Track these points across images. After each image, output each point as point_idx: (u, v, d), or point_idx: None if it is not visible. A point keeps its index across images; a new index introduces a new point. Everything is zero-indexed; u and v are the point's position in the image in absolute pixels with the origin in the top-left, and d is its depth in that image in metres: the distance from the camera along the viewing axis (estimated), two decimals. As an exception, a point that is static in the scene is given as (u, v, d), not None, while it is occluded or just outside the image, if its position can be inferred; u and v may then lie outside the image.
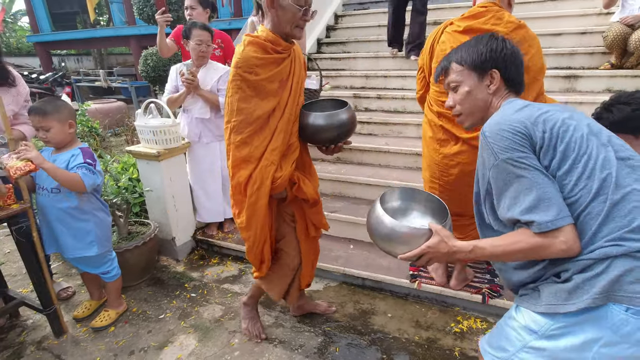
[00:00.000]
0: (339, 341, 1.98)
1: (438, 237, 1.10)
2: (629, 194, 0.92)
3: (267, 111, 1.53)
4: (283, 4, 1.44)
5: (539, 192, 0.95)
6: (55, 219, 1.93)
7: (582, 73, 3.32)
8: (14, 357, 1.95)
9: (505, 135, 0.99)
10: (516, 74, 1.16)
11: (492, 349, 1.14)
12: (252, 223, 1.62)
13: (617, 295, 0.89)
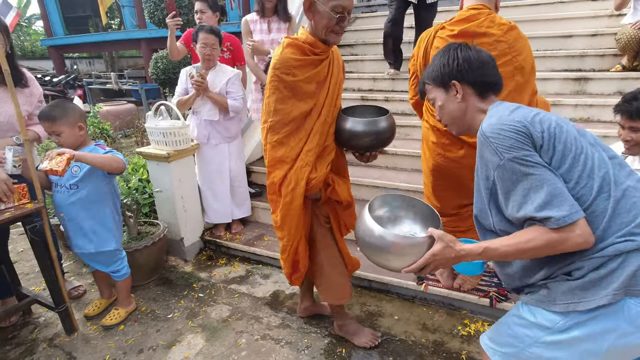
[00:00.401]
0: (345, 343, 1.98)
1: (442, 243, 1.09)
2: (627, 190, 0.95)
3: (304, 112, 1.56)
4: (319, 10, 1.45)
5: (550, 188, 0.94)
6: (74, 216, 1.98)
7: (592, 75, 3.29)
8: (27, 354, 1.99)
9: (508, 134, 1.00)
10: (480, 76, 1.17)
11: (497, 345, 1.14)
12: (286, 222, 1.64)
13: (634, 290, 0.91)
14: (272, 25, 2.83)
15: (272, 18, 2.82)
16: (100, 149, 1.97)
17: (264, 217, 3.13)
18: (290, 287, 2.48)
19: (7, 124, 2.00)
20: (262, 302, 2.34)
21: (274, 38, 2.81)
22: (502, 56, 1.67)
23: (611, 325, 0.93)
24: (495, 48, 1.66)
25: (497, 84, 1.20)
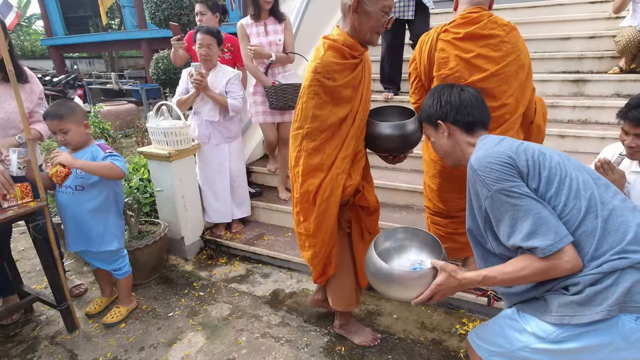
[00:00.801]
0: (344, 341, 2.00)
1: (445, 274, 1.14)
2: (613, 209, 1.00)
3: (341, 118, 1.52)
4: (368, 10, 1.41)
5: (535, 217, 1.00)
6: (78, 217, 2.00)
7: (590, 77, 3.32)
8: (28, 352, 2.00)
9: (494, 167, 1.05)
10: (461, 116, 1.27)
11: (486, 343, 1.18)
12: (320, 230, 1.61)
13: (629, 306, 0.94)
14: (269, 28, 2.83)
15: (268, 20, 2.83)
16: (100, 150, 1.97)
17: (264, 217, 3.15)
18: (290, 286, 2.50)
19: (7, 120, 2.02)
20: (262, 301, 2.35)
21: (272, 40, 2.82)
22: (507, 56, 1.70)
23: (605, 340, 0.97)
24: (500, 49, 1.70)
25: (478, 122, 1.26)
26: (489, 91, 1.71)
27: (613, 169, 1.70)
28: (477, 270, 1.14)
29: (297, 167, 1.58)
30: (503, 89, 1.73)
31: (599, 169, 1.72)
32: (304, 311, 2.24)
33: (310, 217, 1.60)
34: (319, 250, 1.66)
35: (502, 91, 1.73)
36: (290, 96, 2.69)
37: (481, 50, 1.70)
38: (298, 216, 1.66)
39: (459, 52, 1.72)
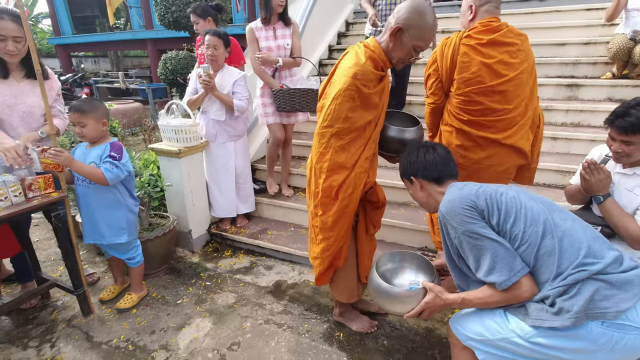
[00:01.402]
0: (343, 328, 2.13)
1: (433, 294, 1.36)
2: (566, 230, 1.17)
3: (367, 122, 1.63)
4: (404, 41, 1.54)
5: (493, 256, 1.19)
6: (92, 208, 2.14)
7: (584, 82, 3.44)
8: (47, 333, 2.14)
9: (458, 211, 1.23)
10: (427, 172, 1.46)
11: (466, 330, 1.33)
12: (337, 224, 1.70)
13: (593, 313, 1.09)
14: (277, 32, 2.95)
15: (277, 25, 2.94)
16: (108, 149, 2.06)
17: (268, 213, 3.28)
18: (292, 277, 2.62)
19: (30, 114, 2.16)
20: (265, 291, 2.48)
21: (280, 44, 2.94)
22: (522, 63, 1.86)
23: (576, 344, 1.13)
24: (517, 56, 1.86)
25: (444, 175, 1.45)
26: (506, 95, 1.87)
27: (599, 169, 1.82)
28: (459, 293, 1.33)
29: (321, 163, 1.66)
30: (517, 94, 1.88)
31: (586, 169, 1.84)
32: (305, 301, 2.37)
33: (329, 212, 1.69)
34: (332, 243, 1.74)
35: (516, 95, 1.88)
36: (298, 100, 2.82)
37: (502, 57, 1.84)
38: (316, 209, 1.73)
39: (482, 57, 1.85)
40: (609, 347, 1.09)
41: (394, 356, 1.93)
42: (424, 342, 2.03)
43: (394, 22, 1.55)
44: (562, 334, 1.12)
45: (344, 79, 1.55)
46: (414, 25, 1.52)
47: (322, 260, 1.80)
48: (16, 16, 1.96)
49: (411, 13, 1.52)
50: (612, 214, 1.79)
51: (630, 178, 1.80)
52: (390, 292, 1.48)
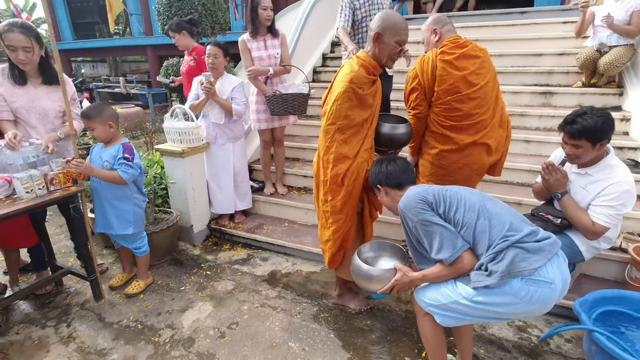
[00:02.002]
0: (331, 310, 2.36)
1: (401, 273, 1.64)
2: (494, 214, 1.47)
3: (364, 119, 1.92)
4: (385, 41, 1.83)
5: (440, 238, 1.47)
6: (104, 201, 2.37)
7: (556, 90, 3.72)
8: (63, 315, 2.36)
9: (413, 205, 1.52)
10: (389, 181, 1.74)
11: (426, 298, 1.59)
12: (345, 207, 1.96)
13: (514, 272, 1.38)
14: (268, 43, 3.18)
15: (267, 36, 3.19)
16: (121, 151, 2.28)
17: (264, 209, 3.52)
18: (286, 267, 2.86)
19: (45, 116, 2.39)
20: (261, 279, 2.71)
21: (271, 54, 3.18)
22: (487, 73, 2.16)
23: (503, 299, 1.41)
24: (482, 67, 2.15)
25: (403, 182, 1.73)
26: (478, 101, 2.14)
27: (557, 170, 2.09)
28: (420, 271, 1.61)
29: (327, 155, 1.93)
30: (486, 100, 2.17)
31: (545, 170, 2.11)
32: (297, 288, 2.61)
33: (337, 197, 1.94)
34: (342, 225, 1.99)
35: (486, 101, 2.16)
36: (291, 104, 3.07)
37: (472, 68, 2.13)
38: (326, 196, 1.97)
39: (457, 70, 2.12)
40: (527, 299, 1.36)
41: (376, 333, 2.17)
42: (403, 321, 2.26)
43: (372, 32, 1.84)
44: (494, 291, 1.39)
45: (342, 84, 1.84)
46: (387, 26, 1.82)
47: (333, 242, 2.03)
48: (25, 28, 2.20)
49: (382, 19, 1.84)
50: (569, 209, 2.06)
51: (583, 177, 2.06)
52: (369, 273, 1.73)
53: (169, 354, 2.03)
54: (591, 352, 1.86)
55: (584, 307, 1.92)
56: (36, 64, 2.34)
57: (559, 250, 1.44)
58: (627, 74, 3.49)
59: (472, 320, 1.56)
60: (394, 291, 1.65)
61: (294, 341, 2.11)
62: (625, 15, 3.26)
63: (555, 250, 1.41)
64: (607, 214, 1.91)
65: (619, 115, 3.29)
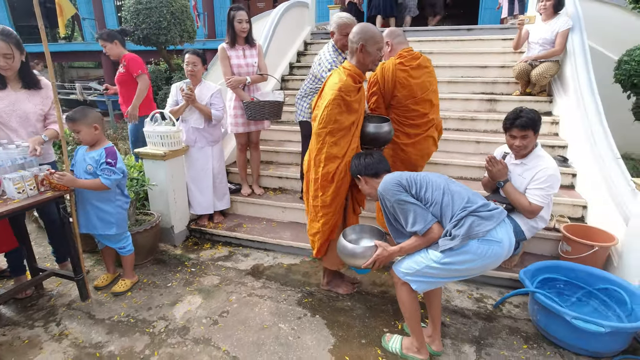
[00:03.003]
0: (314, 295, 2.58)
1: (381, 248, 1.90)
2: (455, 191, 1.80)
3: (351, 122, 2.15)
4: (369, 50, 2.10)
5: (413, 214, 1.77)
6: (86, 203, 2.43)
7: (500, 98, 4.26)
8: (50, 315, 2.38)
9: (389, 188, 1.82)
10: (367, 171, 2.02)
11: (403, 268, 1.88)
12: (334, 201, 2.20)
13: (472, 234, 1.69)
14: (246, 52, 3.40)
15: (245, 46, 3.40)
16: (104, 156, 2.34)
17: (242, 210, 3.67)
18: (267, 261, 3.04)
19: (26, 119, 2.42)
20: (245, 273, 2.88)
21: (249, 62, 3.39)
22: (434, 80, 2.61)
23: (466, 257, 1.72)
24: (430, 75, 2.61)
25: (380, 171, 2.01)
26: (429, 103, 2.60)
27: (498, 162, 2.51)
28: (397, 245, 1.89)
29: (319, 155, 2.15)
30: (433, 102, 2.62)
31: (488, 163, 2.52)
32: (280, 278, 2.80)
33: (327, 192, 2.18)
34: (330, 217, 2.23)
35: (433, 104, 2.61)
36: (268, 110, 3.28)
37: (424, 76, 2.58)
38: (317, 192, 2.20)
39: (413, 78, 2.57)
40: (483, 255, 1.70)
41: (357, 311, 2.42)
42: (380, 300, 2.54)
43: (356, 44, 2.12)
44: (457, 252, 1.71)
45: (332, 92, 2.07)
46: (368, 37, 2.10)
47: (322, 234, 2.27)
48: (6, 35, 2.25)
49: (362, 32, 2.11)
50: (510, 193, 2.47)
51: (519, 166, 2.50)
52: (354, 251, 1.99)
53: (165, 341, 2.15)
54: (534, 311, 2.25)
55: (527, 275, 2.31)
56: (17, 70, 2.37)
57: (505, 218, 1.79)
58: (555, 84, 4.09)
59: (442, 282, 1.87)
60: (376, 265, 1.91)
61: (283, 323, 2.31)
62: (551, 35, 3.85)
63: (502, 217, 1.76)
64: (539, 194, 2.35)
65: (550, 119, 3.86)
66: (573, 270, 2.40)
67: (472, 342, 2.15)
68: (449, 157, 3.66)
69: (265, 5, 10.96)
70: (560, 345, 2.10)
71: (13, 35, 2.33)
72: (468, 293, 2.62)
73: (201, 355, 2.05)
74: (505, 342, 2.15)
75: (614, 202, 2.62)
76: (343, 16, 2.85)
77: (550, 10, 3.89)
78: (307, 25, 6.23)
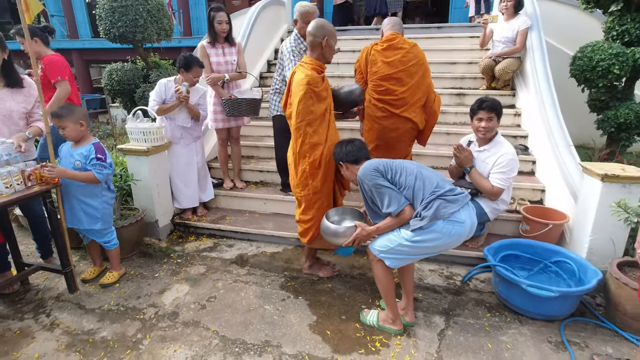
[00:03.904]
0: (297, 279, 2.74)
1: (360, 228, 2.08)
2: (426, 177, 1.98)
3: (324, 110, 2.32)
4: (330, 44, 2.30)
5: (388, 197, 1.94)
6: (72, 198, 2.49)
7: (468, 92, 4.53)
8: (39, 307, 2.43)
9: (368, 173, 1.99)
10: (347, 158, 2.18)
11: (378, 247, 2.06)
12: (324, 186, 2.36)
13: (439, 215, 1.89)
14: (225, 50, 3.50)
15: (224, 44, 3.51)
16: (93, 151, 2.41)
17: (225, 203, 3.78)
18: (251, 251, 3.17)
19: (9, 117, 2.47)
20: (230, 262, 3.00)
21: (228, 60, 3.50)
22: (412, 60, 2.84)
23: (433, 235, 1.92)
24: (406, 56, 2.84)
25: (360, 158, 2.16)
26: (399, 81, 2.83)
27: (464, 149, 2.74)
28: (374, 225, 2.07)
29: (304, 147, 2.29)
30: (407, 81, 2.85)
31: (456, 150, 2.74)
32: (264, 266, 2.94)
33: (317, 178, 2.34)
34: (324, 201, 2.41)
35: (407, 82, 2.84)
36: (244, 107, 3.40)
37: (396, 56, 2.82)
38: (306, 180, 2.34)
39: (383, 57, 2.84)
40: (448, 234, 1.90)
41: (337, 292, 2.60)
42: (358, 281, 2.72)
43: (320, 39, 2.28)
44: (425, 231, 1.90)
45: (302, 87, 2.21)
46: (327, 33, 2.30)
47: (317, 219, 2.39)
48: None
49: (323, 28, 2.30)
50: (475, 178, 2.71)
51: (483, 153, 2.73)
52: (336, 230, 2.16)
53: (156, 325, 2.26)
54: (496, 283, 2.49)
55: (490, 252, 2.55)
56: None
57: (469, 202, 2.00)
58: (517, 79, 4.39)
59: (413, 258, 2.06)
60: (356, 243, 2.09)
61: (268, 304, 2.45)
62: (512, 34, 4.13)
63: (466, 201, 1.96)
64: (500, 177, 2.59)
65: (513, 111, 4.16)
66: (531, 247, 2.66)
67: (441, 314, 2.36)
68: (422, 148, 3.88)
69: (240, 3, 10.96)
70: (519, 312, 2.34)
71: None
72: (439, 272, 2.85)
73: (192, 336, 2.17)
74: (471, 312, 2.38)
75: (566, 184, 2.89)
76: (305, 5, 3.06)
77: (511, 10, 4.18)
78: (284, 23, 6.34)
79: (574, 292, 2.17)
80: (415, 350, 2.07)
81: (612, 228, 2.40)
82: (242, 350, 2.06)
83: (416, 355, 2.04)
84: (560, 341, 2.13)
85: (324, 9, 10.16)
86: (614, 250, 2.44)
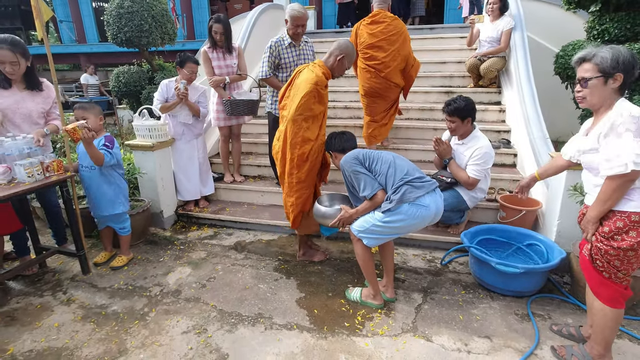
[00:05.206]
0: (290, 263, 2.98)
1: (343, 210, 2.33)
2: (399, 165, 2.21)
3: (320, 112, 2.54)
4: (344, 63, 2.53)
5: (364, 182, 2.20)
6: (93, 188, 2.77)
7: (456, 90, 4.74)
8: (57, 286, 2.70)
9: (348, 161, 2.25)
10: (336, 147, 2.47)
11: (357, 227, 2.30)
12: (308, 177, 2.57)
13: (405, 199, 2.12)
14: (226, 55, 3.76)
15: (225, 49, 3.76)
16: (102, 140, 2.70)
17: (225, 196, 4.04)
18: (249, 238, 3.42)
19: (29, 116, 2.74)
20: (229, 248, 3.25)
21: (228, 64, 3.76)
22: (392, 30, 3.41)
23: (400, 217, 2.15)
24: (386, 28, 3.42)
25: (347, 147, 2.43)
26: (381, 48, 3.46)
27: (442, 142, 2.97)
28: (355, 208, 2.31)
29: (296, 139, 2.47)
30: (387, 48, 3.43)
31: (435, 143, 2.97)
32: (260, 251, 3.19)
33: (302, 170, 2.54)
34: (305, 191, 2.61)
35: (386, 49, 3.40)
36: (242, 108, 3.65)
37: (378, 29, 3.40)
38: (292, 170, 2.53)
39: (367, 30, 3.50)
40: (412, 216, 2.12)
41: (326, 273, 2.83)
42: (345, 264, 2.96)
43: (338, 52, 2.51)
44: (393, 213, 2.13)
45: (309, 85, 2.42)
46: (348, 53, 2.53)
47: (296, 206, 2.63)
48: (14, 45, 2.55)
49: (347, 48, 2.53)
50: (454, 169, 2.93)
51: (461, 146, 2.96)
52: (325, 212, 2.44)
53: (161, 301, 2.51)
54: (472, 264, 2.71)
55: (467, 236, 2.77)
56: (22, 74, 2.68)
57: (436, 189, 2.22)
58: (503, 77, 4.60)
59: (386, 238, 2.28)
60: (340, 223, 2.34)
61: (262, 284, 2.70)
62: (497, 34, 4.35)
63: (432, 187, 2.19)
64: (476, 169, 2.81)
65: (498, 108, 4.36)
66: (506, 231, 2.87)
67: (420, 291, 2.59)
68: (411, 143, 4.12)
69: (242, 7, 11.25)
70: (491, 289, 2.57)
71: (20, 45, 2.63)
72: (422, 256, 3.07)
73: (193, 310, 2.42)
74: (447, 290, 2.61)
75: (540, 174, 3.10)
76: (295, 8, 3.30)
77: (496, 12, 4.40)
78: (282, 26, 6.58)
79: (538, 269, 2.39)
80: (393, 321, 2.30)
81: (577, 212, 2.61)
82: (237, 321, 2.30)
83: (393, 325, 2.27)
84: (526, 314, 2.35)
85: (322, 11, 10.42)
86: (579, 232, 2.65)
